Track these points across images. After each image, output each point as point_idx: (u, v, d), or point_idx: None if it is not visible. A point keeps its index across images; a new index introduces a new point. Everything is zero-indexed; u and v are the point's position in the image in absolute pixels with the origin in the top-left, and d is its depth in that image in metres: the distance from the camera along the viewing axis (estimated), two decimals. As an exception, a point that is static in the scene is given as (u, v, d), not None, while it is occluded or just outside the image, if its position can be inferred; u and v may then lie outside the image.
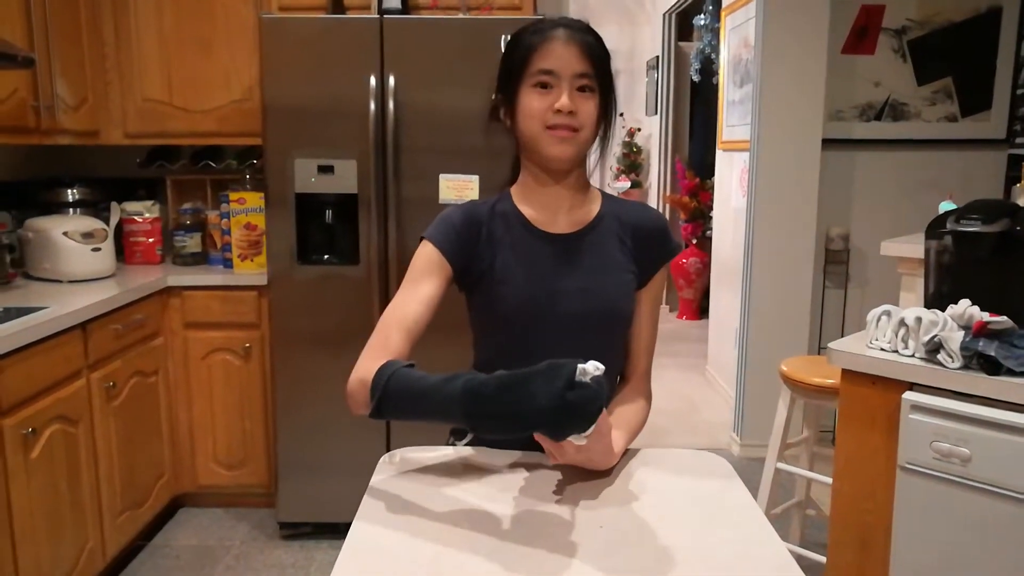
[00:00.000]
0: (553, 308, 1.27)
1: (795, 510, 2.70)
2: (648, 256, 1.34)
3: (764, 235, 3.51)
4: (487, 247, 1.30)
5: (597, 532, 1.03)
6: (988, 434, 1.55)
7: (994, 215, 1.69)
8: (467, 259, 1.29)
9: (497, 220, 1.32)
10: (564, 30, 1.22)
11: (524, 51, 1.23)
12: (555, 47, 1.20)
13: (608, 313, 1.30)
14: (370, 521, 1.07)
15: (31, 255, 2.73)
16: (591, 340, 1.28)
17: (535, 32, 1.23)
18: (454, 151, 2.57)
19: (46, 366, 2.11)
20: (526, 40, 1.23)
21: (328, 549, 2.77)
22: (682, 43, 6.31)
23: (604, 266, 1.30)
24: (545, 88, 1.21)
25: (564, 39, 1.21)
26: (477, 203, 1.35)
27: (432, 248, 1.28)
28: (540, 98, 1.22)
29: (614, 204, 1.36)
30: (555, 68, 1.20)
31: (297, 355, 2.70)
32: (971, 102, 3.56)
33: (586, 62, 1.21)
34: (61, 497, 2.18)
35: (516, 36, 1.26)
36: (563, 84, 1.21)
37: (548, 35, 1.21)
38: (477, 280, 1.31)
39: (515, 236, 1.31)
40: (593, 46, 1.22)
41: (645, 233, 1.33)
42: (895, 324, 1.74)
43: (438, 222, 1.32)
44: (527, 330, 1.29)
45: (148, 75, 2.94)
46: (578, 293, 1.28)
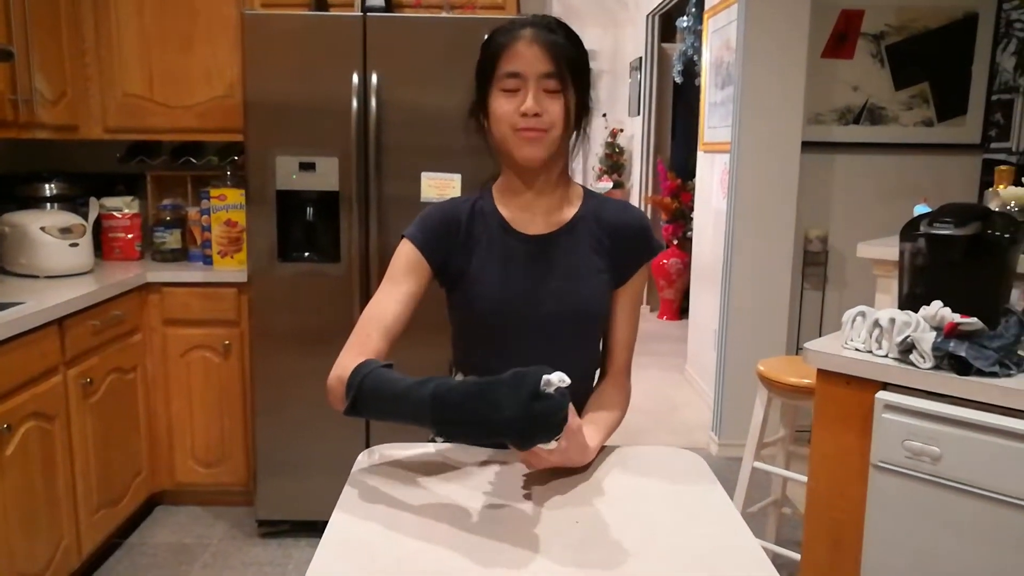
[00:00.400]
0: (527, 309, 1.29)
1: (771, 508, 2.73)
2: (627, 255, 1.34)
3: (744, 236, 3.54)
4: (465, 246, 1.31)
5: (573, 527, 1.05)
6: (958, 433, 1.58)
7: (966, 219, 1.72)
8: (445, 257, 1.31)
9: (476, 219, 1.33)
10: (530, 29, 1.21)
11: (492, 53, 1.23)
12: (519, 48, 1.20)
13: (580, 315, 1.31)
14: (349, 514, 1.08)
15: (7, 250, 2.70)
16: (565, 340, 1.30)
17: (503, 32, 1.23)
18: (436, 149, 2.58)
19: (22, 362, 2.09)
20: (494, 41, 1.23)
21: (306, 547, 2.76)
22: (665, 44, 6.35)
23: (578, 268, 1.31)
24: (513, 92, 1.21)
25: (528, 39, 1.20)
26: (458, 200, 1.36)
27: (411, 247, 1.30)
28: (507, 101, 1.22)
29: (595, 203, 1.36)
30: (520, 70, 1.20)
31: (277, 353, 2.69)
32: (947, 107, 3.62)
33: (551, 62, 1.19)
34: (36, 494, 2.16)
35: (488, 37, 1.26)
36: (529, 85, 1.20)
37: (514, 35, 1.21)
38: (455, 279, 1.32)
39: (492, 236, 1.32)
40: (559, 44, 1.21)
41: (625, 233, 1.34)
42: (869, 325, 1.77)
43: (418, 220, 1.33)
44: (502, 329, 1.30)
45: (128, 70, 2.92)
46: (551, 295, 1.29)
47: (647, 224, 1.38)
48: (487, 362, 1.30)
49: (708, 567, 0.96)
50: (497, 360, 1.28)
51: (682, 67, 5.93)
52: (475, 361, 1.35)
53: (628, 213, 1.37)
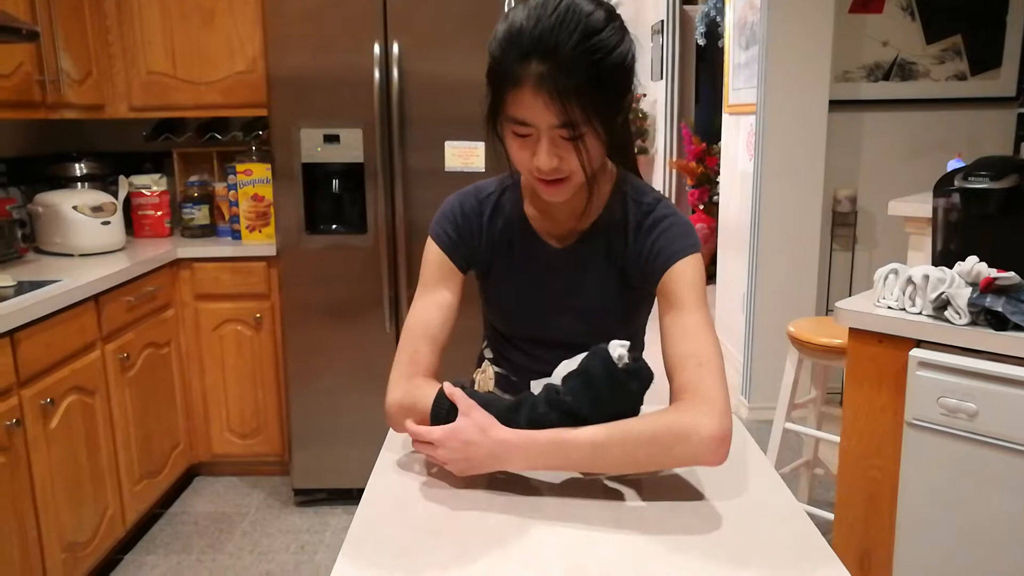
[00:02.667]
0: (545, 323, 1.26)
1: (803, 469, 2.72)
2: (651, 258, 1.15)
3: (771, 198, 3.50)
4: (486, 245, 1.25)
5: (606, 486, 1.06)
6: (995, 388, 1.57)
7: (1002, 171, 1.68)
8: (470, 255, 1.25)
9: (499, 218, 1.24)
10: (536, 66, 0.98)
11: (497, 85, 1.04)
12: (525, 96, 1.00)
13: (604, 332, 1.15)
14: (386, 478, 1.10)
15: (42, 230, 2.75)
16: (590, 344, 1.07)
17: (507, 59, 1.00)
18: (459, 118, 2.57)
19: (61, 338, 2.14)
20: (499, 70, 1.02)
21: (342, 515, 2.81)
22: (686, 7, 6.23)
23: (603, 282, 1.22)
24: (524, 136, 1.04)
25: (534, 85, 0.98)
26: (482, 192, 1.26)
27: (439, 252, 1.23)
28: (520, 148, 1.06)
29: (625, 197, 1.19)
30: (528, 120, 1.02)
31: (307, 324, 2.72)
32: (980, 60, 3.52)
33: (561, 113, 0.98)
34: (80, 466, 2.22)
35: (492, 54, 1.04)
36: (542, 136, 1.02)
37: (518, 75, 0.99)
38: (480, 275, 1.30)
39: (514, 238, 1.24)
40: (572, 89, 0.97)
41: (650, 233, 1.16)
42: (902, 282, 1.75)
43: (440, 219, 1.25)
44: (527, 331, 1.29)
45: (151, 48, 2.93)
46: (569, 311, 1.24)
47: (671, 220, 1.17)
48: (513, 357, 1.32)
49: (745, 523, 0.97)
50: (523, 358, 1.30)
51: (705, 29, 5.82)
52: (502, 350, 1.35)
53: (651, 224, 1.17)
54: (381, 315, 2.70)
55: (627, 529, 0.95)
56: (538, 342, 1.28)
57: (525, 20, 1.00)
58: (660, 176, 6.70)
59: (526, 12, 1.01)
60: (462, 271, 1.24)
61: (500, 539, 0.93)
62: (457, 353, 1.28)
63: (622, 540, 0.92)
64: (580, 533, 0.94)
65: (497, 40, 1.03)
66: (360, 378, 2.75)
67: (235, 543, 2.64)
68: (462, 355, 1.38)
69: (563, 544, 0.92)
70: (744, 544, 0.92)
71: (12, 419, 1.91)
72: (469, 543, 0.92)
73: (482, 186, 1.27)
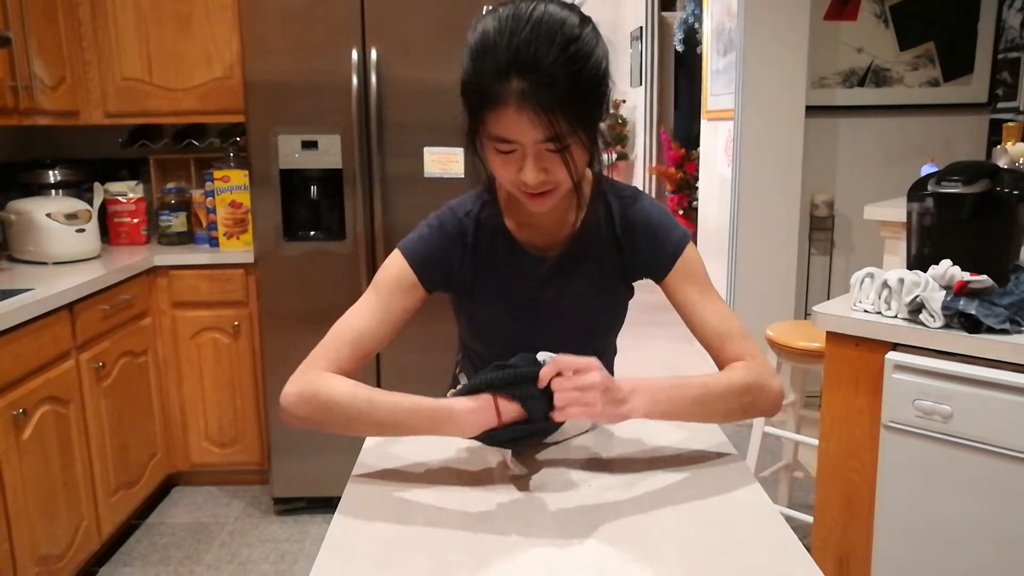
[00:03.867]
0: (534, 333, 1.21)
1: (783, 473, 2.74)
2: (645, 259, 1.20)
3: (749, 203, 3.53)
4: (469, 265, 1.20)
5: (586, 492, 1.05)
6: (969, 391, 1.58)
7: (974, 176, 1.70)
8: (446, 279, 1.20)
9: (482, 235, 1.20)
10: (517, 83, 0.95)
11: (475, 104, 1.00)
12: (508, 115, 0.97)
13: (589, 336, 1.24)
14: (363, 486, 1.09)
15: (14, 237, 2.71)
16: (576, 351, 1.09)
17: (484, 80, 0.97)
18: (438, 124, 2.56)
19: (34, 347, 2.11)
20: (476, 89, 0.99)
21: (322, 523, 2.79)
22: (665, 13, 6.28)
23: (588, 286, 1.22)
24: (508, 153, 1.02)
25: (516, 104, 0.96)
26: (461, 209, 1.21)
27: (406, 267, 1.17)
28: (504, 164, 1.03)
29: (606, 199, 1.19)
30: (512, 137, 0.99)
31: (286, 332, 2.70)
32: (953, 67, 3.57)
33: (548, 128, 0.96)
34: (54, 477, 2.19)
35: (465, 70, 1.01)
36: (527, 151, 1.00)
37: (499, 93, 0.96)
38: (459, 295, 1.26)
39: (498, 254, 1.20)
40: (557, 102, 0.95)
41: (635, 233, 1.19)
42: (878, 286, 1.77)
43: (417, 237, 1.19)
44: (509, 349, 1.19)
45: (126, 53, 2.90)
46: (559, 317, 1.22)
47: (657, 218, 1.20)
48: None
49: (722, 527, 0.97)
50: None
51: (683, 35, 5.87)
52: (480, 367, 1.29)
53: (635, 210, 1.19)
54: (361, 322, 2.68)
55: (605, 534, 0.94)
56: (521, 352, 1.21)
57: (498, 34, 0.96)
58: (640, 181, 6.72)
59: (497, 24, 0.97)
60: (427, 290, 1.18)
61: (477, 548, 0.92)
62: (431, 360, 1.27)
63: (599, 545, 0.92)
64: (557, 540, 0.93)
65: (471, 56, 0.99)
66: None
67: (214, 554, 2.61)
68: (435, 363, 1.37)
69: (540, 551, 0.91)
70: (721, 548, 0.92)
71: (-17, 430, 1.87)
72: (446, 552, 0.91)
73: (460, 205, 1.22)
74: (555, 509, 1.01)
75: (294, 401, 1.10)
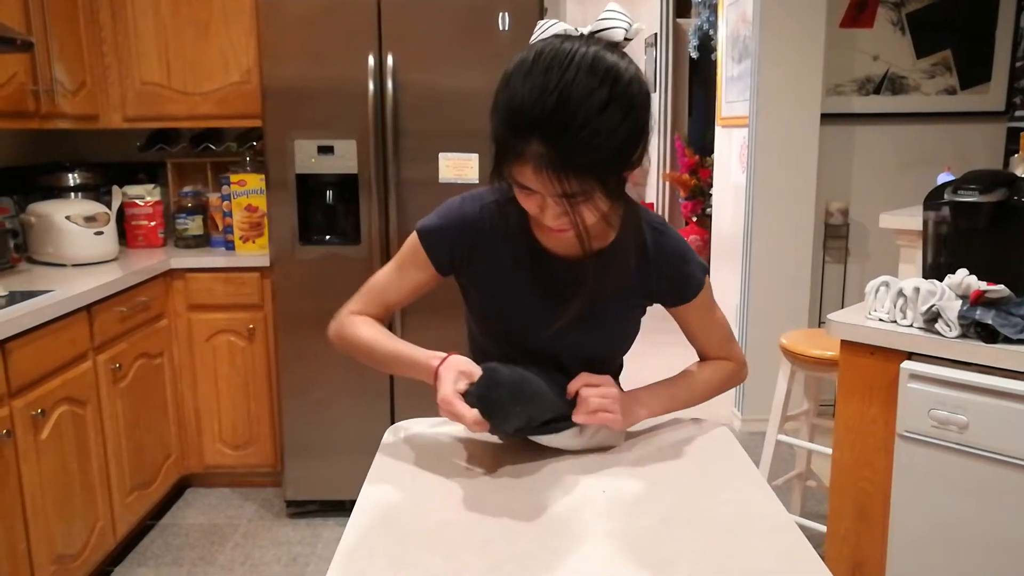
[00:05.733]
0: (544, 337, 1.20)
1: (796, 482, 2.73)
2: (667, 290, 1.24)
3: (764, 211, 3.52)
4: (483, 255, 1.21)
5: (599, 497, 1.06)
6: (985, 401, 1.57)
7: (991, 185, 1.70)
8: (459, 265, 1.24)
9: (501, 226, 1.20)
10: (536, 152, 0.96)
11: (501, 154, 1.01)
12: (527, 171, 0.98)
13: (599, 354, 1.25)
14: (378, 489, 1.10)
15: (34, 240, 2.74)
16: (580, 368, 1.20)
17: (509, 137, 0.98)
18: (454, 129, 2.58)
19: (53, 348, 2.13)
20: (501, 141, 1.00)
21: (335, 526, 2.80)
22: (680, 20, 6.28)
23: (606, 302, 1.20)
24: (528, 193, 1.03)
25: (535, 165, 0.97)
26: (486, 202, 1.22)
27: (420, 245, 1.23)
28: (527, 199, 1.04)
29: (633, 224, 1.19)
30: (534, 187, 1.01)
31: (301, 335, 2.71)
32: (970, 75, 3.55)
33: (564, 188, 0.97)
34: (71, 477, 2.21)
35: (493, 117, 1.01)
36: (546, 198, 1.02)
37: (521, 152, 0.97)
38: (470, 284, 1.27)
39: (516, 252, 1.20)
40: (573, 170, 0.95)
41: (662, 265, 1.21)
42: (894, 295, 1.76)
43: (435, 220, 1.23)
44: (516, 349, 1.23)
45: (146, 58, 2.94)
46: (572, 327, 1.19)
47: (683, 253, 1.23)
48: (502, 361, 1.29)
49: (736, 535, 0.97)
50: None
51: (698, 42, 5.86)
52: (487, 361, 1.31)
53: (663, 242, 1.21)
54: (374, 326, 2.69)
55: (619, 540, 0.95)
56: (528, 354, 1.22)
57: (527, 94, 0.96)
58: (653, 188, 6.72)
59: (527, 84, 0.96)
60: (441, 272, 1.25)
61: (491, 551, 0.93)
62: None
63: (614, 551, 0.92)
64: (572, 543, 0.94)
65: (499, 112, 1.00)
66: (353, 390, 2.74)
67: (227, 555, 2.62)
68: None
69: (553, 555, 0.92)
70: (736, 556, 0.92)
71: (2, 430, 1.89)
72: (460, 554, 0.92)
73: (483, 194, 1.23)
74: (568, 513, 1.01)
75: (333, 337, 1.31)
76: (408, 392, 2.74)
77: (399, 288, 1.28)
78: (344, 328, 1.29)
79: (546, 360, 1.22)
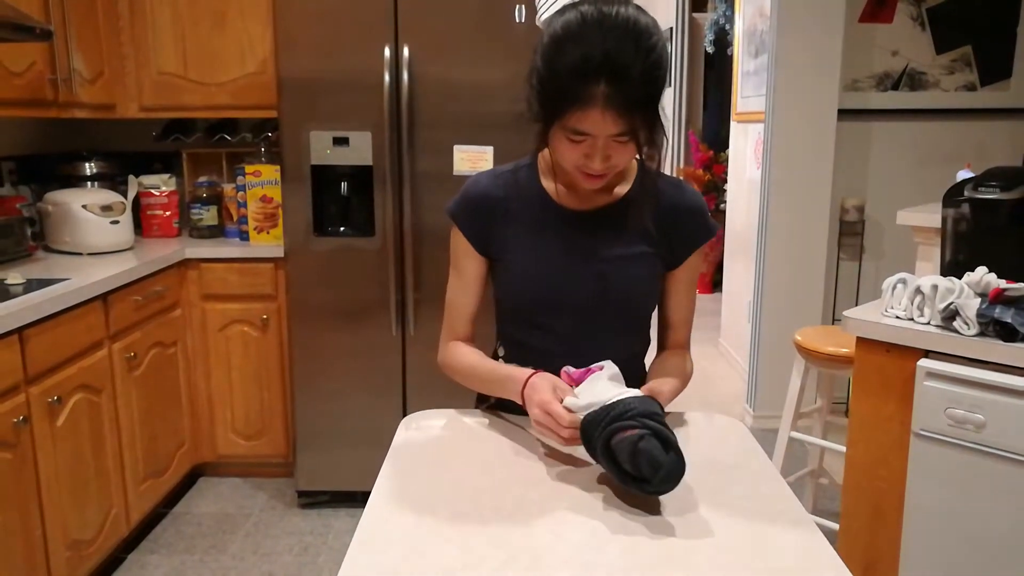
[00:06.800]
0: (566, 289, 1.25)
1: (808, 479, 2.72)
2: (681, 238, 1.28)
3: (779, 207, 3.50)
4: (504, 224, 1.28)
5: (613, 489, 1.05)
6: (1003, 400, 1.56)
7: (1012, 182, 1.68)
8: (487, 238, 1.30)
9: (515, 192, 1.28)
10: (604, 87, 1.04)
11: (558, 101, 1.08)
12: (592, 114, 1.06)
13: (622, 299, 1.27)
14: (392, 480, 1.10)
15: (51, 228, 2.76)
16: (608, 321, 1.27)
17: (572, 81, 1.05)
18: (468, 122, 2.57)
19: (69, 336, 2.15)
20: (560, 87, 1.07)
21: (346, 517, 2.81)
22: (696, 14, 6.24)
23: (624, 250, 1.25)
24: (578, 142, 1.11)
25: (602, 104, 1.05)
26: (500, 172, 1.31)
27: (458, 233, 1.31)
28: (571, 149, 1.12)
29: (649, 180, 1.26)
30: (589, 131, 1.08)
31: (314, 326, 2.72)
32: (990, 71, 3.51)
33: (625, 122, 1.07)
34: (86, 464, 2.23)
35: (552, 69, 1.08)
36: (597, 142, 1.10)
37: (586, 95, 1.05)
38: (497, 256, 1.31)
39: (533, 212, 1.27)
40: (637, 99, 1.05)
41: (680, 214, 1.27)
42: (911, 292, 1.74)
43: (459, 199, 1.31)
44: (540, 307, 1.28)
45: (163, 48, 2.95)
46: (593, 279, 1.25)
47: (703, 205, 1.31)
48: (528, 339, 1.31)
49: (754, 530, 0.96)
50: (537, 338, 1.29)
51: (714, 36, 5.83)
52: (516, 337, 1.34)
53: (683, 194, 1.29)
54: (388, 318, 2.70)
55: (634, 535, 0.94)
56: (556, 311, 1.26)
57: (589, 45, 1.04)
58: (667, 183, 6.68)
59: (586, 37, 1.05)
60: (479, 248, 1.30)
61: (506, 543, 0.93)
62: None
63: (628, 546, 0.92)
64: (586, 538, 0.94)
65: (557, 52, 1.07)
66: (366, 381, 2.75)
67: (238, 544, 2.64)
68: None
69: (569, 548, 0.92)
70: (752, 552, 0.91)
71: (19, 416, 1.91)
72: (476, 546, 0.92)
73: (497, 169, 1.33)
74: (584, 506, 1.01)
75: (442, 368, 1.38)
76: (420, 385, 2.74)
77: (466, 291, 1.33)
78: (447, 359, 1.36)
79: (574, 312, 1.26)
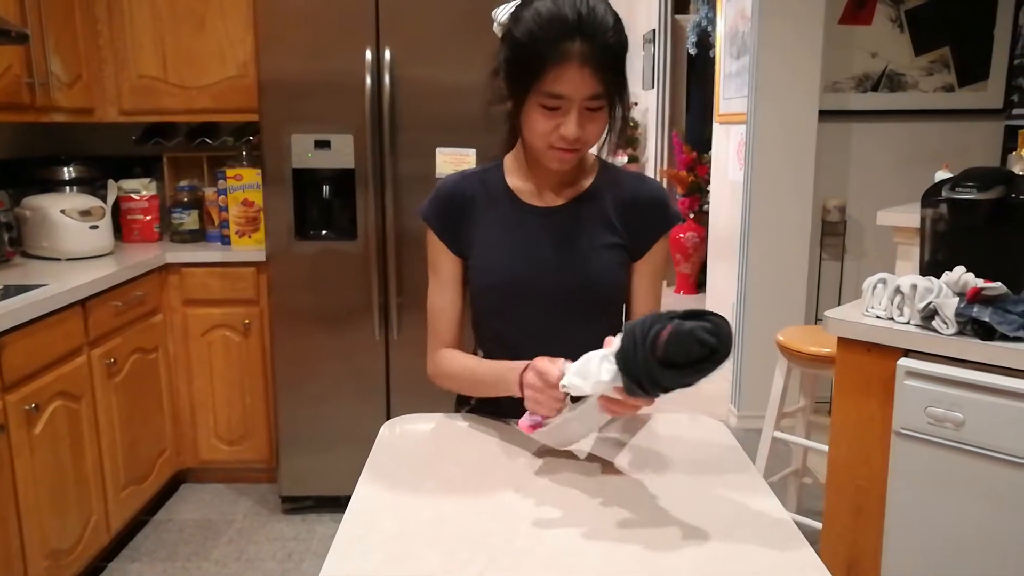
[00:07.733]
0: (535, 282, 1.27)
1: (791, 479, 2.73)
2: (643, 228, 1.30)
3: (761, 208, 3.51)
4: (472, 222, 1.31)
5: (595, 492, 1.05)
6: (981, 398, 1.57)
7: (989, 183, 1.70)
8: (459, 237, 1.31)
9: (484, 191, 1.31)
10: (579, 45, 1.09)
11: (534, 64, 1.12)
12: (568, 72, 1.10)
13: (590, 289, 1.28)
14: (374, 485, 1.09)
15: (29, 233, 2.73)
16: (577, 313, 1.27)
17: (548, 43, 1.11)
18: (451, 125, 2.57)
19: (47, 343, 2.12)
20: (538, 50, 1.12)
21: (330, 522, 2.80)
22: (678, 16, 6.27)
23: (589, 241, 1.28)
24: (553, 110, 1.14)
25: (579, 62, 1.10)
26: (468, 174, 1.35)
27: (432, 235, 1.33)
28: (546, 119, 1.15)
29: (610, 174, 1.33)
30: (566, 93, 1.12)
31: (297, 330, 2.71)
32: (968, 72, 3.55)
33: (600, 82, 1.12)
34: (65, 472, 2.20)
35: (527, 33, 1.13)
36: (572, 108, 1.13)
37: (562, 52, 1.10)
38: (469, 254, 1.32)
39: (501, 210, 1.30)
40: (610, 58, 1.12)
41: (642, 204, 1.30)
42: (891, 292, 1.76)
43: (430, 200, 1.34)
44: (512, 301, 1.29)
45: (142, 51, 2.92)
46: (559, 270, 1.27)
47: (664, 195, 1.36)
48: (502, 335, 1.31)
49: (732, 531, 0.97)
50: (511, 333, 1.29)
51: (696, 38, 5.85)
52: (491, 333, 1.35)
53: (644, 184, 1.34)
54: (371, 322, 2.69)
55: (614, 537, 0.94)
56: (527, 305, 1.27)
57: (561, 5, 1.11)
58: (651, 185, 6.70)
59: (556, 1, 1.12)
60: (452, 248, 1.31)
61: (488, 546, 0.92)
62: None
63: (608, 548, 0.92)
64: (567, 541, 0.93)
65: (532, 25, 1.13)
66: (349, 385, 2.74)
67: (221, 551, 2.62)
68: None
69: (550, 551, 0.91)
70: (731, 552, 0.91)
71: (-4, 424, 1.89)
72: (456, 550, 0.91)
73: (466, 171, 1.37)
74: (564, 509, 1.01)
75: (433, 379, 1.36)
76: (404, 389, 2.73)
77: (445, 294, 1.33)
78: (438, 368, 1.34)
79: (548, 307, 1.27)
